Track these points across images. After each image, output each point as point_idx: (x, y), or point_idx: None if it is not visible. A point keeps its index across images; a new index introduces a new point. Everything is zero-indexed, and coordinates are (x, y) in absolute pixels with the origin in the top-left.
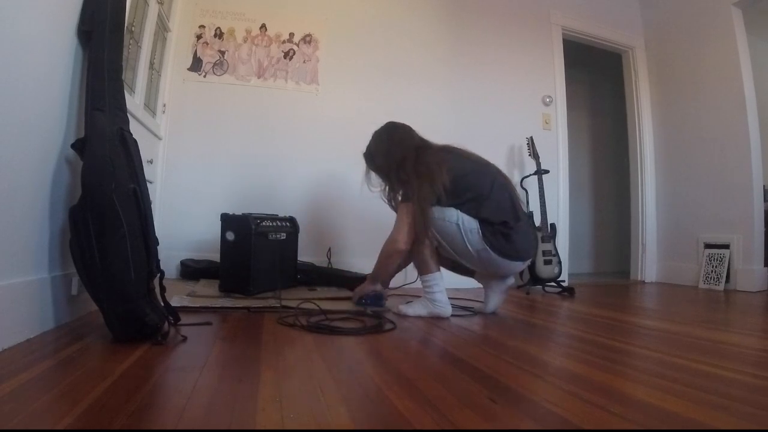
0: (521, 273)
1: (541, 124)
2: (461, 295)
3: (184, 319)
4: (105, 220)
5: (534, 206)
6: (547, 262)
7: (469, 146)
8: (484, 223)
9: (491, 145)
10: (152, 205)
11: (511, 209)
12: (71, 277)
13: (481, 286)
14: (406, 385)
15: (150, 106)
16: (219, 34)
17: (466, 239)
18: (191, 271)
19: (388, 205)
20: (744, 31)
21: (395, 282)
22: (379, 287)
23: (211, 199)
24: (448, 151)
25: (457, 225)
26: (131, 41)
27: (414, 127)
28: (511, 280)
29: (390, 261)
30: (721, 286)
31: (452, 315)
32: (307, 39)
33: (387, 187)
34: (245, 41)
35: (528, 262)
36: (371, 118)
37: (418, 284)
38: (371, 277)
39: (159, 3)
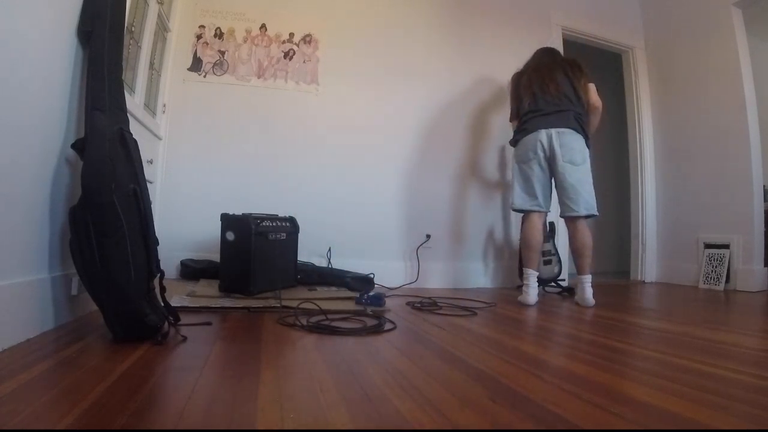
0: (520, 272)
1: None
2: (461, 295)
3: (184, 319)
4: (105, 220)
5: None
6: (547, 262)
7: (470, 146)
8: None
9: (492, 145)
10: (152, 205)
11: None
12: (71, 277)
13: (482, 286)
14: (406, 385)
15: (150, 106)
16: (219, 34)
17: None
18: (191, 271)
19: None
20: (744, 31)
21: (395, 282)
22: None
23: (211, 199)
24: None
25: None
26: (131, 41)
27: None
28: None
29: None
30: (721, 286)
31: (452, 315)
32: (307, 39)
33: None
34: (245, 41)
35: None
36: (371, 117)
37: (418, 284)
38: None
39: (159, 3)
